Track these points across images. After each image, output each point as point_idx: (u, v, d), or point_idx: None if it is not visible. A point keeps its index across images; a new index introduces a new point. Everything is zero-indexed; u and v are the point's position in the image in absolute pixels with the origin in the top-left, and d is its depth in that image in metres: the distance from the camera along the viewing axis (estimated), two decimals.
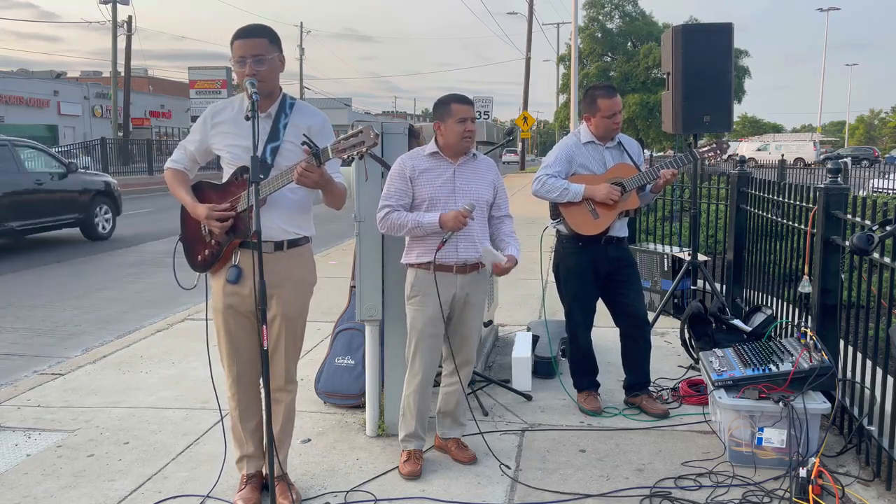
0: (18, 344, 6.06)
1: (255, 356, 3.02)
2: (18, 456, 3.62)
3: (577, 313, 4.17)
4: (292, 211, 2.95)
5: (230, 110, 2.98)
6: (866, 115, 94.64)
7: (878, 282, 3.29)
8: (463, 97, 3.36)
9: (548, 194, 4.00)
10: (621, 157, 4.10)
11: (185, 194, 2.98)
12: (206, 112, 3.03)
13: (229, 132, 2.94)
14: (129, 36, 34.39)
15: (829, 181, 3.74)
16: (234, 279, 2.90)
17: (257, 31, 2.83)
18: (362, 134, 2.68)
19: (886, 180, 16.83)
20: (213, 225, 2.87)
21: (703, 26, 5.74)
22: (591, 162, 4.06)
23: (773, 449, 3.41)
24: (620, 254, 4.12)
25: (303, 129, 2.90)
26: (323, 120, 3.01)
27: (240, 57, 2.80)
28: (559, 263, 4.19)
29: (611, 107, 3.97)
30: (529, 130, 39.43)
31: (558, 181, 3.98)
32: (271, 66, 2.83)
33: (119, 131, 35.22)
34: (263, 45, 2.81)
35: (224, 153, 2.95)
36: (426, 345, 3.36)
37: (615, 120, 4.00)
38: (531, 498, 3.18)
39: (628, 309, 4.14)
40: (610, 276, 4.11)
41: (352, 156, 2.70)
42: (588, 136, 4.10)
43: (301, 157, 2.78)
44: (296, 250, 2.99)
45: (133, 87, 37.85)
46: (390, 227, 3.29)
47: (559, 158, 4.05)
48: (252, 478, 3.13)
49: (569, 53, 28.74)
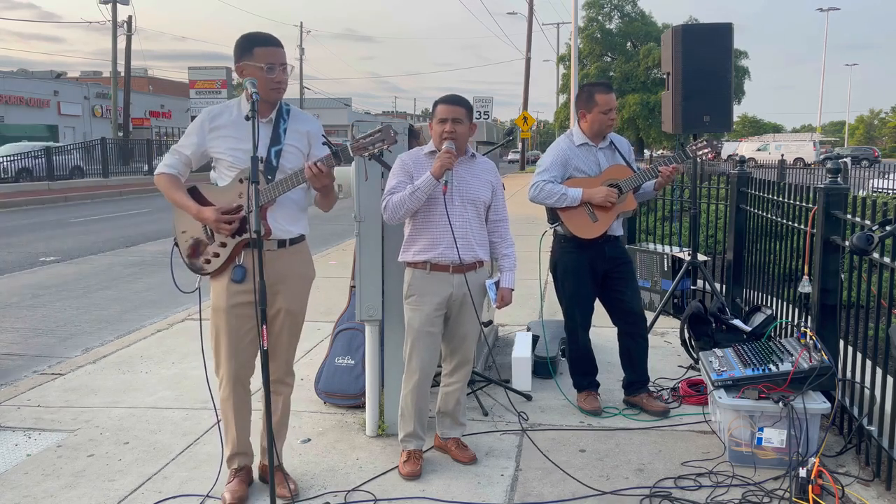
0: (18, 344, 6.06)
1: (252, 354, 3.10)
2: (18, 456, 3.62)
3: (576, 313, 4.18)
4: (294, 210, 3.06)
5: (229, 114, 3.02)
6: (866, 115, 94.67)
7: (878, 282, 3.29)
8: (449, 97, 3.34)
9: (546, 200, 3.99)
10: (613, 157, 4.11)
11: (186, 199, 2.99)
12: (203, 116, 3.05)
13: (230, 136, 2.99)
14: (129, 36, 34.41)
15: (828, 181, 3.74)
16: (239, 278, 2.97)
17: (279, 41, 2.97)
18: (381, 132, 2.85)
19: (886, 180, 16.83)
20: (222, 228, 2.91)
21: (703, 26, 5.74)
22: (585, 164, 4.06)
23: (773, 449, 3.41)
24: (617, 252, 4.14)
25: (302, 133, 3.07)
26: (319, 126, 3.18)
27: (271, 63, 2.90)
28: (557, 263, 4.19)
29: (608, 102, 3.98)
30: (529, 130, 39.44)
31: (556, 186, 3.97)
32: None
33: (119, 131, 35.22)
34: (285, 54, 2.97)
35: (225, 157, 2.99)
36: (423, 344, 3.36)
37: (611, 116, 4.00)
38: (531, 498, 3.18)
39: (625, 306, 4.15)
40: (607, 273, 4.12)
41: (372, 153, 2.87)
42: (581, 137, 4.09)
43: (302, 160, 2.98)
44: (296, 247, 3.10)
45: (133, 87, 37.86)
46: (393, 210, 3.28)
47: (555, 163, 4.04)
48: (240, 471, 3.19)
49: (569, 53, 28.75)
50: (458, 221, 3.29)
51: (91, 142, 29.92)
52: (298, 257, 3.11)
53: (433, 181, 3.19)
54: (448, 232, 3.26)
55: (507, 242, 3.50)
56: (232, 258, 2.99)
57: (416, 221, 3.34)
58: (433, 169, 3.19)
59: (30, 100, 40.35)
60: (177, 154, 3.06)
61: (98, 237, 12.62)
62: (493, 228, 3.49)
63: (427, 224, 3.31)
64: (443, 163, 3.16)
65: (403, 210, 3.25)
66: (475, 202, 3.37)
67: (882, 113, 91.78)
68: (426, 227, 3.32)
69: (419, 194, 3.21)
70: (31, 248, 11.28)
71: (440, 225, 3.29)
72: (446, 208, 3.26)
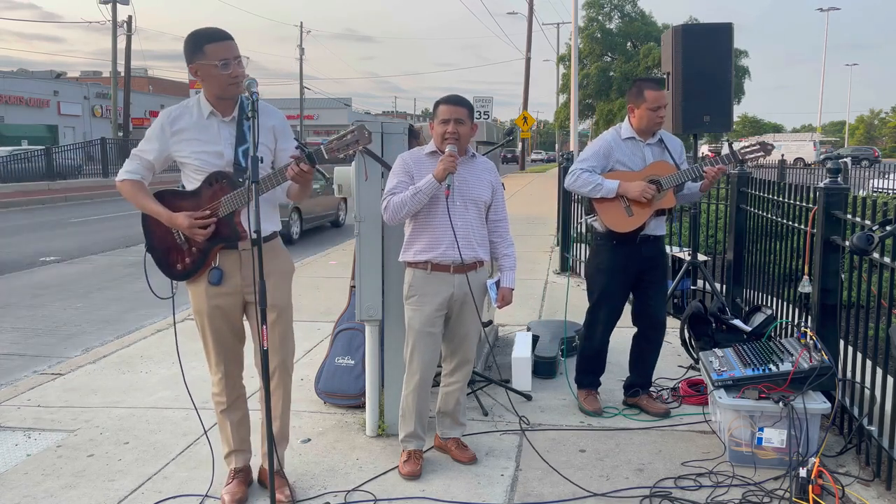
0: (18, 344, 6.06)
1: (238, 352, 3.12)
2: (18, 456, 3.62)
3: (602, 311, 4.10)
4: (266, 208, 2.99)
5: (189, 116, 2.95)
6: (866, 115, 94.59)
7: (878, 282, 3.29)
8: (451, 98, 3.33)
9: (581, 188, 3.93)
10: (662, 154, 4.02)
11: (156, 205, 2.93)
12: (162, 119, 2.96)
13: (193, 139, 2.92)
14: (129, 36, 34.38)
15: (829, 181, 3.73)
16: (216, 281, 2.95)
17: (230, 35, 2.88)
18: (355, 133, 2.78)
19: (886, 180, 16.83)
20: (196, 233, 2.87)
21: (703, 26, 5.74)
22: (629, 158, 3.96)
23: (773, 449, 3.41)
24: (654, 253, 4.05)
25: (267, 129, 2.98)
26: (283, 118, 3.10)
27: (225, 59, 2.83)
28: (591, 259, 4.14)
29: (657, 99, 3.89)
30: (529, 130, 39.42)
31: (592, 176, 3.90)
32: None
33: (119, 131, 35.19)
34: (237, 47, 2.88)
35: (191, 160, 2.92)
36: (424, 344, 3.35)
37: (659, 113, 3.91)
38: (531, 498, 3.18)
39: (650, 311, 4.10)
40: (640, 275, 4.05)
41: (347, 154, 2.82)
42: (629, 131, 4.00)
43: (269, 156, 2.96)
44: (270, 244, 3.04)
45: (133, 87, 37.83)
46: (394, 211, 3.27)
47: (596, 153, 3.97)
48: (240, 472, 3.18)
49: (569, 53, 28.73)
50: (459, 221, 3.29)
51: (91, 142, 29.92)
52: (273, 254, 3.06)
53: (435, 184, 3.19)
54: (449, 232, 3.26)
55: (507, 242, 3.50)
56: (208, 263, 2.97)
57: (416, 221, 3.33)
58: (436, 172, 3.18)
59: (30, 100, 40.36)
60: (138, 159, 2.97)
61: (98, 237, 12.62)
62: (493, 228, 3.49)
63: (428, 224, 3.31)
64: (446, 166, 3.16)
65: (404, 211, 3.25)
66: (476, 202, 3.36)
67: (882, 113, 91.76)
68: (427, 226, 3.31)
69: (421, 196, 3.21)
70: (31, 248, 11.27)
71: (441, 225, 3.29)
72: (448, 208, 3.26)
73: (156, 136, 2.95)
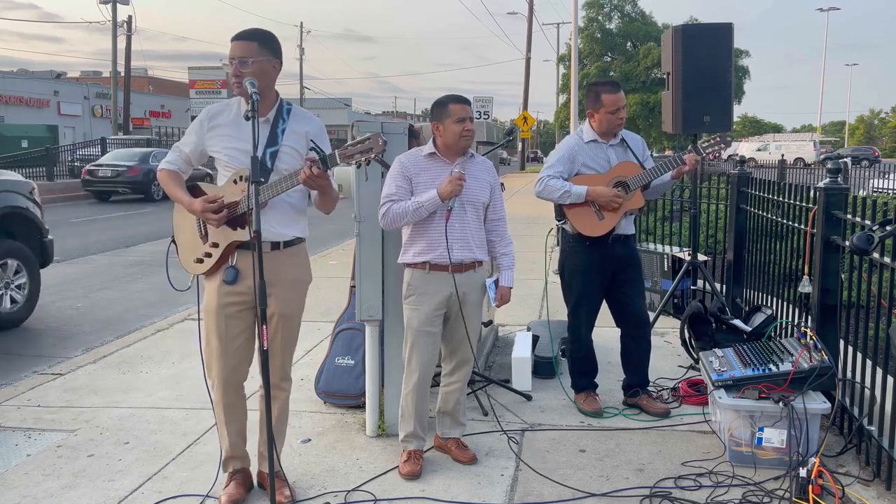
0: (18, 344, 6.06)
1: (244, 357, 3.08)
2: (18, 456, 3.62)
3: (581, 313, 4.15)
4: (288, 213, 3.03)
5: (228, 113, 3.02)
6: (866, 115, 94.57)
7: (878, 282, 3.29)
8: (460, 97, 3.38)
9: (549, 195, 3.97)
10: (625, 154, 4.08)
11: (181, 193, 3.00)
12: (203, 114, 3.06)
13: (227, 135, 2.98)
14: (129, 36, 34.37)
15: (829, 181, 3.73)
16: (231, 280, 2.95)
17: (248, 35, 2.91)
18: (370, 141, 2.79)
19: (886, 180, 16.83)
20: (209, 218, 2.89)
21: (703, 26, 5.74)
22: (594, 161, 4.02)
23: (773, 449, 3.41)
24: (627, 252, 4.10)
25: (301, 134, 3.01)
26: (320, 126, 3.10)
27: (230, 58, 2.90)
28: (565, 262, 4.16)
29: (614, 101, 3.94)
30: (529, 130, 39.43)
31: (559, 182, 3.95)
32: (258, 70, 2.88)
33: (119, 131, 35.20)
34: (252, 48, 2.88)
35: (221, 156, 2.98)
36: (423, 343, 3.36)
37: (619, 115, 3.96)
38: (531, 498, 3.18)
39: (630, 309, 4.13)
40: (615, 274, 4.09)
41: (359, 161, 2.80)
42: (591, 134, 4.06)
43: (300, 161, 2.90)
44: (291, 250, 3.05)
45: (133, 87, 37.83)
46: (392, 220, 3.29)
47: (561, 158, 4.02)
48: (237, 474, 3.17)
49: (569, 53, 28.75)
50: (457, 224, 3.31)
51: (91, 142, 29.90)
52: (293, 260, 3.06)
53: (439, 202, 3.23)
54: (446, 237, 3.28)
55: (506, 241, 3.50)
56: (224, 259, 2.97)
57: (414, 225, 3.36)
58: (441, 190, 3.22)
59: (30, 100, 40.34)
60: (177, 151, 3.08)
61: (98, 237, 12.62)
62: (492, 227, 3.49)
63: (426, 229, 3.33)
64: (453, 188, 3.20)
65: (403, 222, 3.31)
66: (474, 203, 3.37)
67: (882, 113, 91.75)
68: (426, 230, 3.33)
69: (422, 211, 3.26)
70: None
71: (439, 230, 3.30)
72: (446, 209, 3.28)
73: (195, 130, 3.03)
